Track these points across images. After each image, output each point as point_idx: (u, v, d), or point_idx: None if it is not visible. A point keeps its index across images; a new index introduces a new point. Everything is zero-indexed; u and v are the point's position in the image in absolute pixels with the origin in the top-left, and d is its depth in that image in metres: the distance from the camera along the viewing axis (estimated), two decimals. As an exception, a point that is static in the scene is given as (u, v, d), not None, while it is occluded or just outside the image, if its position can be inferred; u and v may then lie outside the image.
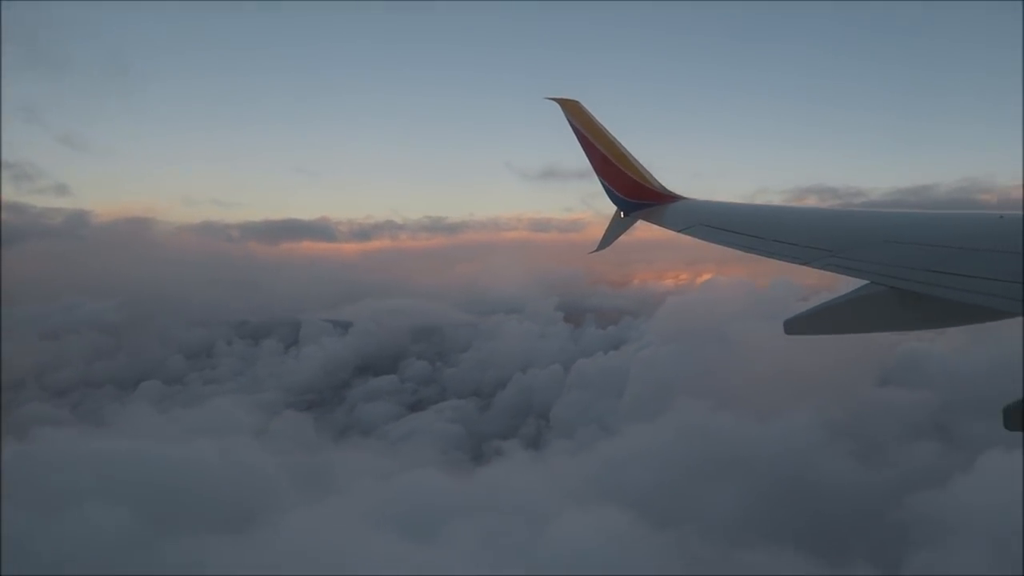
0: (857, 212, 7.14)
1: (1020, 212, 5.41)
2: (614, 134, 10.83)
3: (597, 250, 11.07)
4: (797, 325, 5.10)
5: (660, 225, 9.46)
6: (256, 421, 70.26)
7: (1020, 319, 3.75)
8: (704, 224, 8.25)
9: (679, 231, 8.49)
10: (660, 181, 10.93)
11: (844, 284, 4.96)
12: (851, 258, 5.33)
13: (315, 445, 63.60)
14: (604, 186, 11.07)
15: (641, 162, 10.93)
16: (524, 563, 29.74)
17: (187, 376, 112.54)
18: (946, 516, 36.25)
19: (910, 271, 4.72)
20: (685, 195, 10.70)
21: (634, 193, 10.81)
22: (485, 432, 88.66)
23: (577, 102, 10.71)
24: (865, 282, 4.88)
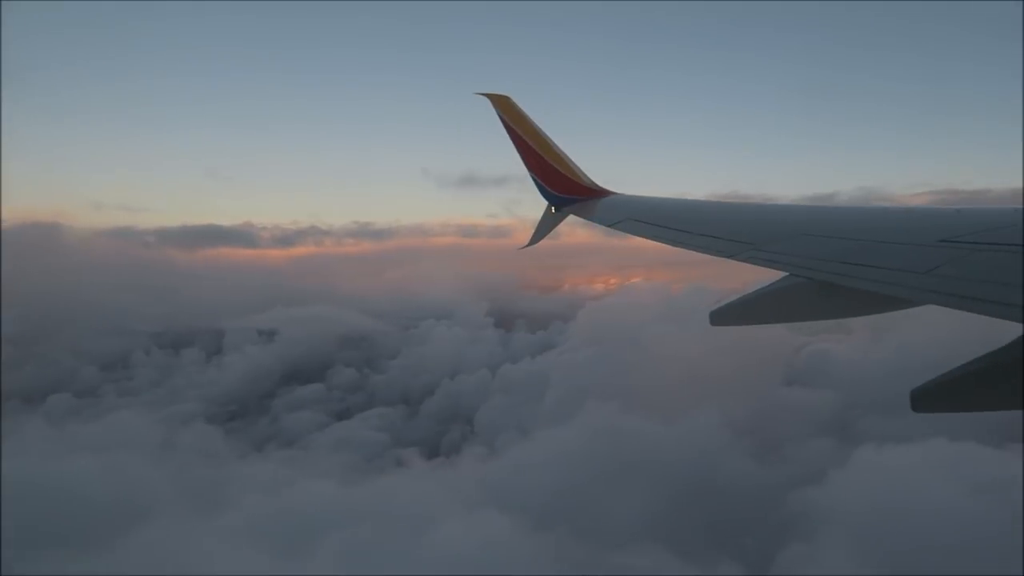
0: (778, 206, 7.35)
1: (926, 206, 5.71)
2: (544, 130, 10.83)
3: (528, 245, 11.07)
4: (721, 316, 5.35)
5: (590, 220, 9.56)
6: (160, 434, 67.92)
7: (924, 308, 3.93)
8: (633, 219, 8.35)
9: (609, 226, 8.56)
10: (590, 177, 10.99)
11: (764, 279, 5.12)
12: (772, 251, 5.44)
13: (221, 457, 61.94)
14: (535, 181, 11.08)
15: (571, 158, 10.98)
16: (392, 571, 29.79)
17: (101, 388, 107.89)
18: (820, 511, 38.11)
19: (826, 263, 4.82)
20: (615, 190, 10.72)
21: (564, 188, 10.86)
22: (410, 439, 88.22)
23: (507, 97, 10.75)
24: (785, 274, 5.04)
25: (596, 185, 10.85)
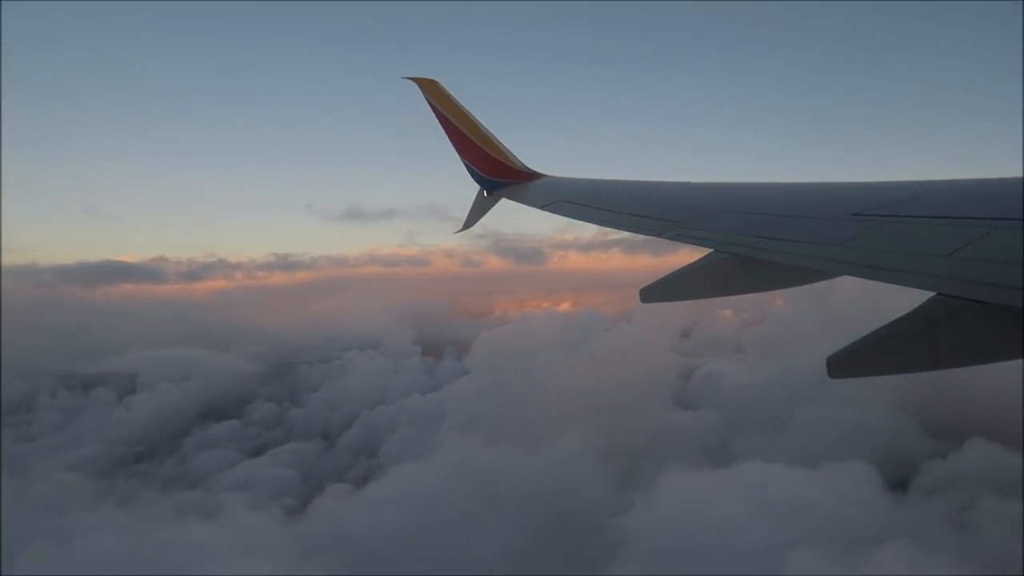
0: (704, 185, 7.35)
1: (840, 182, 5.82)
2: (474, 113, 10.69)
3: (462, 230, 11.08)
4: (651, 293, 5.33)
5: (522, 203, 9.54)
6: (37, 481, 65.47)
7: (838, 280, 4.20)
8: (565, 200, 8.38)
9: (541, 208, 8.60)
10: (521, 160, 10.95)
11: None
12: (697, 228, 5.54)
13: (86, 505, 60.00)
14: (466, 165, 11.03)
15: (501, 141, 10.92)
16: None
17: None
18: (627, 537, 39.17)
19: (748, 238, 4.97)
20: (545, 173, 10.73)
21: (495, 172, 10.80)
22: (320, 475, 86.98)
23: (435, 81, 10.58)
24: (710, 250, 5.11)
25: (527, 168, 10.87)
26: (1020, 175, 4.52)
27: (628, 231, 6.35)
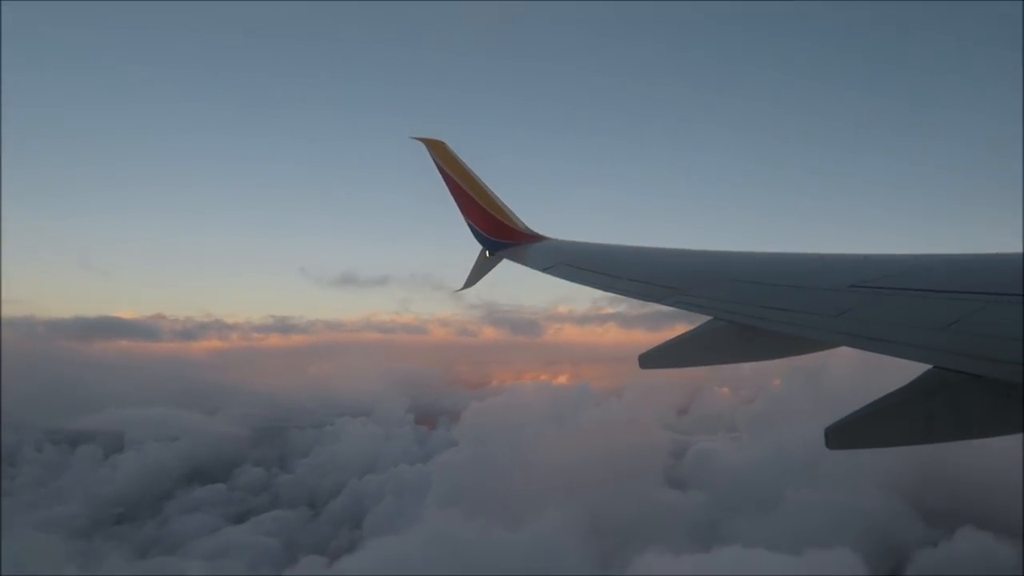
0: (703, 253, 7.41)
1: (838, 254, 5.85)
2: (480, 175, 10.93)
3: (463, 288, 11.17)
4: (650, 359, 5.26)
5: (524, 264, 9.58)
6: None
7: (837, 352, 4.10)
8: (566, 263, 8.42)
9: (542, 270, 8.63)
10: (524, 222, 11.08)
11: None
12: (697, 295, 5.53)
13: (54, 567, 58.36)
14: (469, 225, 11.18)
15: (505, 203, 11.08)
16: None
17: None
18: None
19: (746, 307, 4.97)
20: (548, 236, 10.84)
21: (498, 233, 10.90)
22: (301, 545, 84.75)
23: (443, 143, 10.79)
24: (709, 318, 5.10)
25: (530, 230, 10.99)
26: (1018, 247, 4.67)
27: (628, 296, 6.36)
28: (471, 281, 11.19)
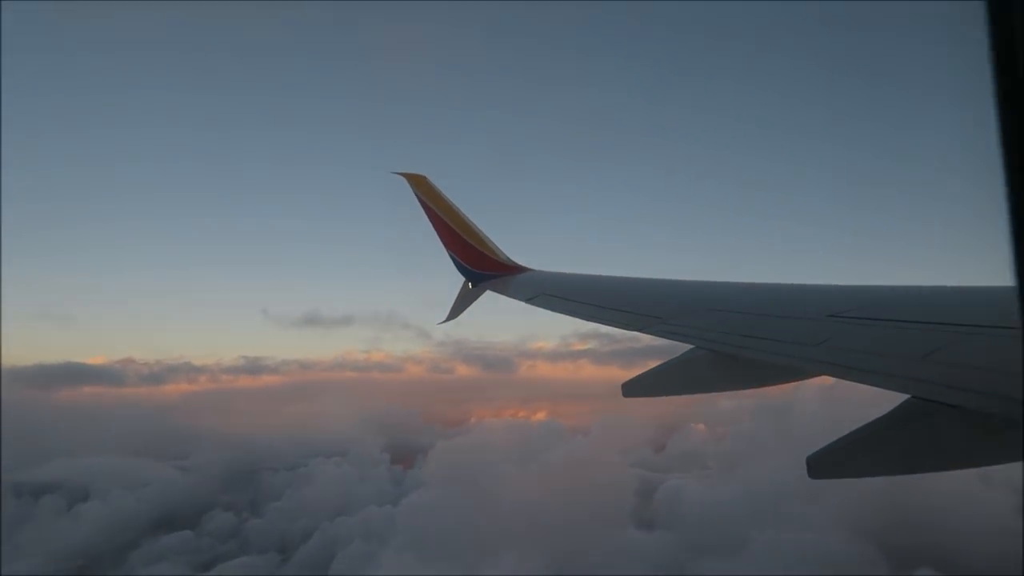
0: (685, 283, 7.45)
1: (817, 284, 5.87)
2: (461, 208, 11.06)
3: (446, 320, 11.11)
4: (632, 388, 5.27)
5: (506, 295, 9.58)
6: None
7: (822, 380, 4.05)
8: (548, 294, 8.45)
9: (525, 301, 8.59)
10: (506, 253, 11.13)
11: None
12: (679, 324, 5.54)
13: None
14: (452, 258, 11.22)
15: (487, 235, 11.19)
16: None
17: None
18: None
19: (727, 335, 4.99)
20: (529, 267, 10.86)
21: (481, 264, 10.97)
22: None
23: (424, 177, 10.93)
24: (691, 346, 5.11)
25: (512, 262, 11.05)
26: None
27: (611, 325, 6.35)
28: (454, 313, 11.18)
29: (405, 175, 11.01)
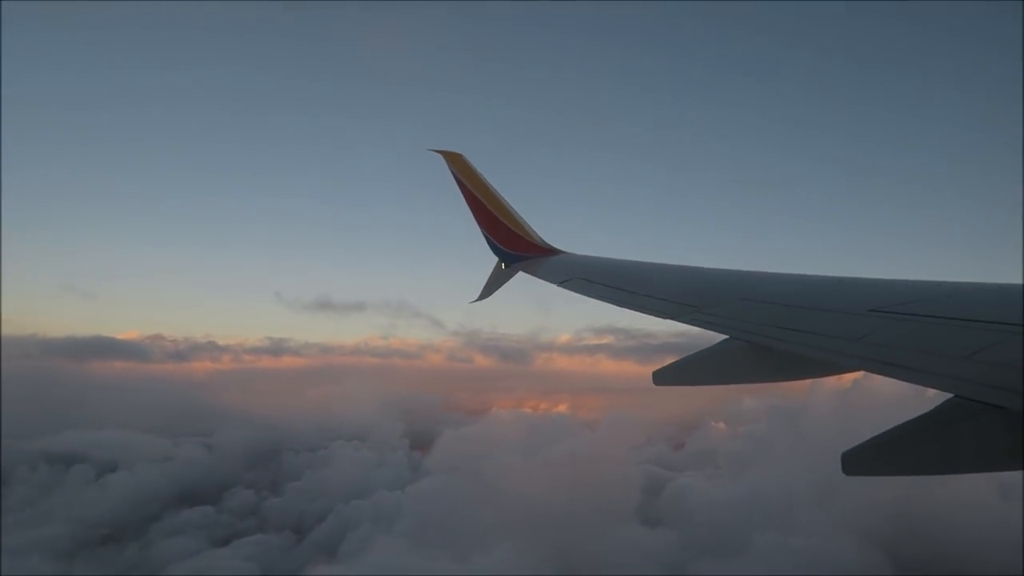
0: (719, 271, 7.36)
1: (857, 277, 5.79)
2: (497, 188, 10.98)
3: (478, 299, 11.19)
4: (664, 376, 5.27)
5: (539, 277, 9.60)
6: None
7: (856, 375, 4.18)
8: (581, 278, 8.41)
9: (558, 284, 8.63)
10: (540, 235, 11.10)
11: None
12: (714, 314, 5.48)
13: None
14: (485, 237, 11.25)
15: (523, 216, 11.15)
16: None
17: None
18: None
19: (764, 327, 4.92)
20: (564, 250, 10.84)
21: (515, 245, 10.96)
22: (277, 570, 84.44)
23: (460, 155, 10.89)
24: (726, 336, 5.07)
25: (546, 243, 11.00)
26: None
27: (644, 312, 6.28)
28: (487, 293, 11.19)
29: (442, 152, 10.92)
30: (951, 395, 3.29)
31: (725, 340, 5.09)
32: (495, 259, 11.32)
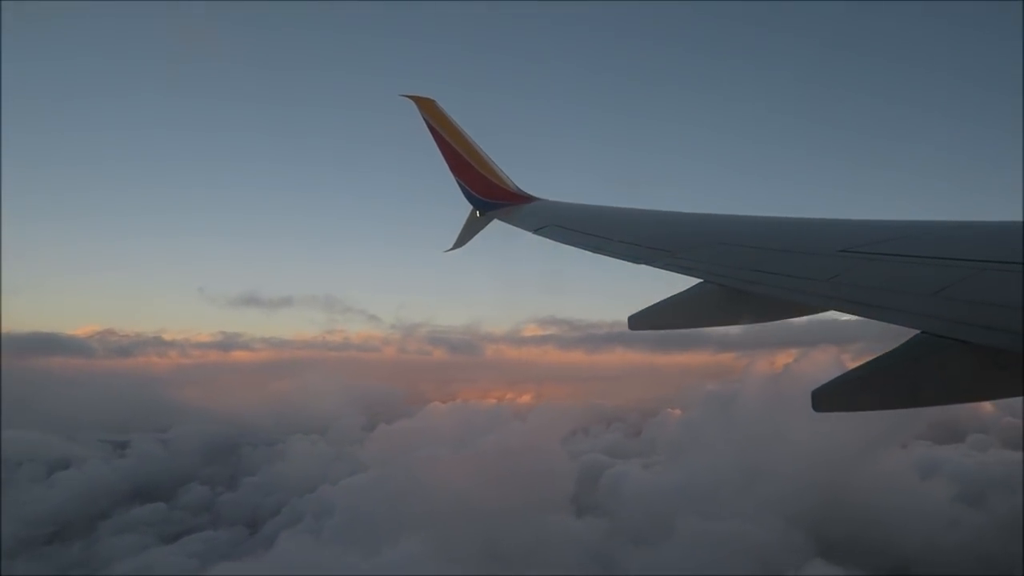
0: (695, 216, 7.43)
1: (828, 218, 5.86)
2: (471, 135, 10.70)
3: (453, 248, 10.97)
4: (639, 321, 5.26)
5: (514, 225, 9.46)
6: None
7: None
8: (556, 225, 8.37)
9: (533, 231, 8.57)
10: (515, 182, 10.89)
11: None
12: (688, 259, 5.52)
13: None
14: (460, 185, 10.96)
15: (497, 163, 10.89)
16: None
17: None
18: None
19: (735, 270, 5.00)
20: (539, 196, 10.66)
21: (489, 193, 10.74)
22: (220, 566, 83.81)
23: (432, 100, 10.56)
24: (700, 280, 5.11)
25: (521, 191, 10.82)
26: (1013, 216, 4.60)
27: (618, 258, 6.29)
28: (461, 241, 10.98)
29: (413, 97, 10.53)
30: (918, 332, 3.41)
31: (699, 284, 5.15)
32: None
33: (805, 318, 4.80)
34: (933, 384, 3.38)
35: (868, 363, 3.55)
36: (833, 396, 3.49)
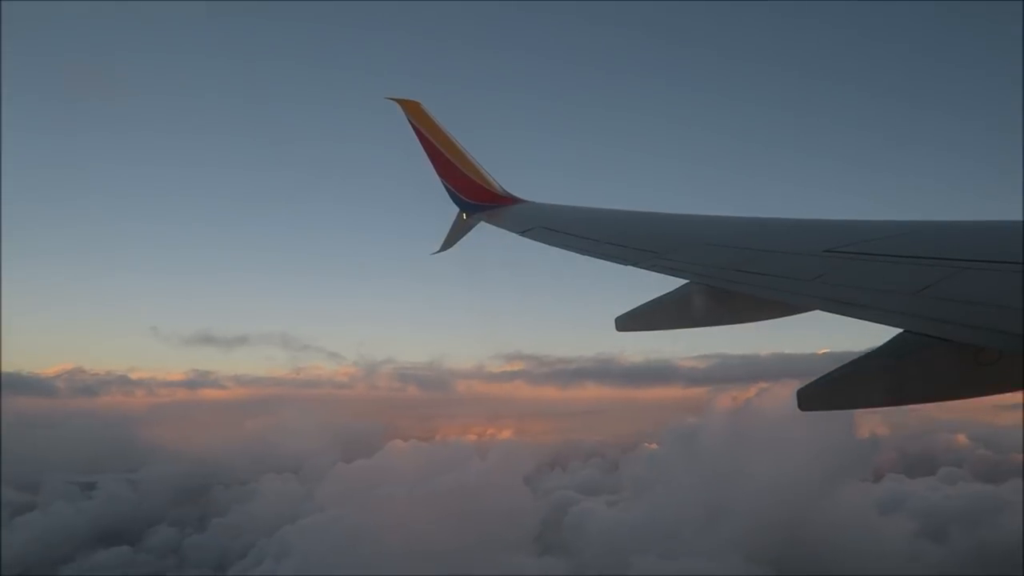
0: (681, 217, 7.46)
1: (813, 219, 5.87)
2: (457, 136, 10.76)
3: (440, 251, 10.96)
4: (626, 322, 5.35)
5: (501, 227, 9.45)
6: None
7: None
8: (544, 227, 8.38)
9: (520, 233, 8.56)
10: (502, 184, 10.87)
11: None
12: (673, 259, 5.55)
13: None
14: (446, 187, 10.95)
15: (483, 165, 10.91)
16: None
17: None
18: None
19: (721, 271, 5.01)
20: (525, 199, 10.66)
21: (476, 195, 10.72)
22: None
23: (418, 103, 10.57)
24: (686, 281, 5.16)
25: (507, 192, 10.80)
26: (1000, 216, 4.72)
27: (606, 260, 6.33)
28: (448, 244, 10.98)
29: (399, 100, 10.58)
30: (901, 330, 3.47)
31: (685, 285, 5.21)
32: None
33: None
34: (916, 382, 3.49)
35: (851, 362, 3.65)
36: (817, 395, 3.57)
